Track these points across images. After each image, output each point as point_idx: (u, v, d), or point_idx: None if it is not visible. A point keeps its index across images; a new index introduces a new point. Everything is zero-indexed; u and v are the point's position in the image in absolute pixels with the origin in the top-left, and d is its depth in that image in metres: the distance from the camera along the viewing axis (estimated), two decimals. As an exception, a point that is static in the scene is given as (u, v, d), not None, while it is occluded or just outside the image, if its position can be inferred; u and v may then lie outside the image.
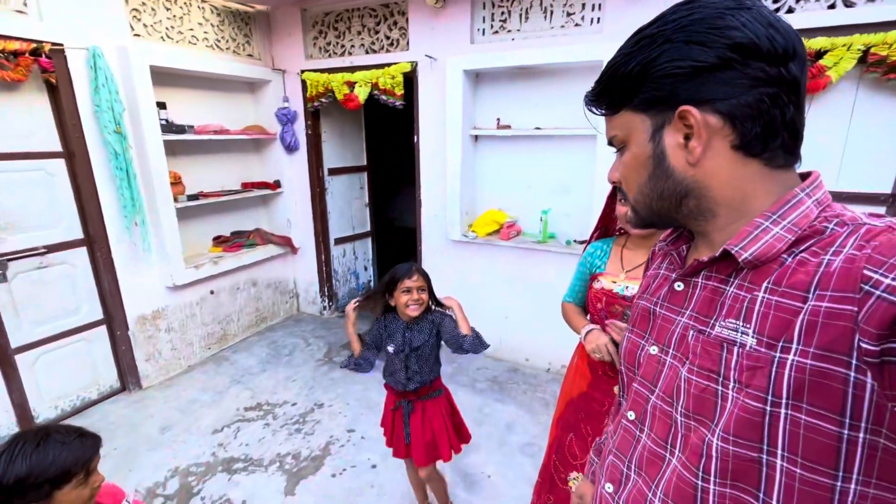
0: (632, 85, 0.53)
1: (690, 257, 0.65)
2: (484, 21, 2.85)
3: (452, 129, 3.00)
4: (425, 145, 3.23)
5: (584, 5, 2.56)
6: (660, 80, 0.51)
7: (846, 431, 0.43)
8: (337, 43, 3.39)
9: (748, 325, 0.50)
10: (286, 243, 3.93)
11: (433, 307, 1.74)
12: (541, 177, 3.02)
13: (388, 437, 1.87)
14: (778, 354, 0.46)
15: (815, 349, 0.44)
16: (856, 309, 0.41)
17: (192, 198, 3.13)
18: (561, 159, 2.90)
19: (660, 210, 0.58)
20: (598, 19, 2.54)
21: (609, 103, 0.58)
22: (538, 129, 2.85)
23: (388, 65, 3.11)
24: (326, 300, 4.14)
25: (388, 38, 3.19)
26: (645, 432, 0.63)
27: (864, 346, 0.40)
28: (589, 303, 1.45)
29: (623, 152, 0.59)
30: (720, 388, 0.51)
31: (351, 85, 3.24)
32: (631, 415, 0.67)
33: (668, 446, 0.59)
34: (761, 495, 0.49)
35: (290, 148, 3.72)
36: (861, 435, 0.42)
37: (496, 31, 2.84)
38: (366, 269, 4.52)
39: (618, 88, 0.55)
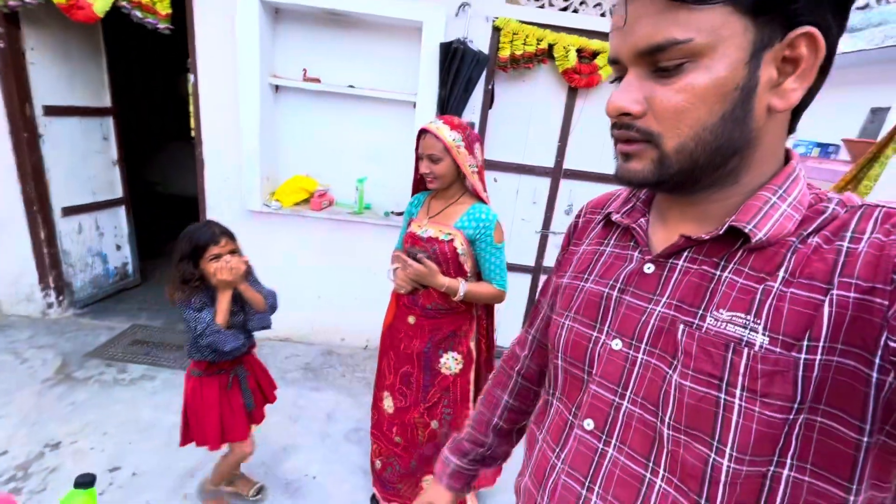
0: None
1: (657, 232, 0.54)
2: (284, -56, 2.35)
3: (248, 72, 2.42)
4: (208, 91, 2.54)
5: (401, -43, 2.37)
6: None
7: (865, 438, 0.38)
8: (48, -85, 2.28)
9: (758, 321, 0.42)
10: (-34, 214, 2.58)
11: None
12: (354, 142, 2.76)
13: (215, 436, 1.57)
14: (804, 356, 0.39)
15: (841, 345, 0.38)
16: (886, 302, 0.36)
17: None
18: (377, 124, 2.70)
19: (704, 165, 0.44)
20: (417, -23, 2.40)
21: None
22: (352, 87, 2.57)
23: (145, -31, 2.27)
24: (53, 294, 2.95)
25: (141, -70, 2.31)
26: (613, 446, 0.51)
27: (891, 344, 0.36)
28: (403, 244, 1.62)
29: (682, 71, 0.40)
30: (724, 396, 0.42)
31: (80, -15, 2.24)
32: (589, 424, 0.53)
33: (650, 465, 0.48)
34: None
35: (-37, 65, 2.39)
36: (875, 437, 0.39)
37: (301, -39, 2.38)
38: (118, 248, 3.40)
39: None
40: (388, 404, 1.65)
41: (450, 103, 2.42)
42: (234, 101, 2.50)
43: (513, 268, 2.96)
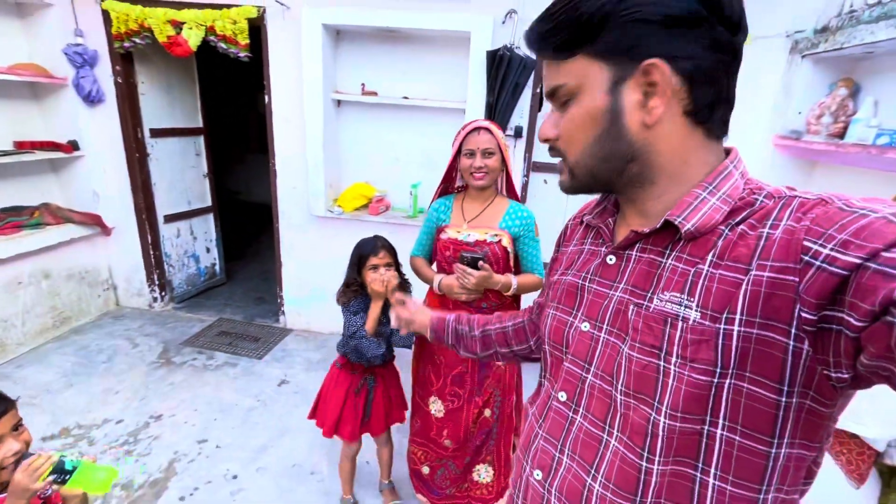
0: (594, 26, 0.47)
1: (620, 229, 0.62)
2: (347, -29, 2.56)
3: (312, 91, 2.67)
4: (279, 108, 2.83)
5: (450, -28, 2.49)
6: (628, 26, 0.46)
7: (783, 399, 0.44)
8: (154, -32, 2.69)
9: (692, 299, 0.48)
10: (95, 222, 3.10)
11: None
12: (409, 149, 2.92)
13: (329, 425, 1.69)
14: (723, 326, 0.45)
15: (759, 318, 0.43)
16: (797, 279, 0.41)
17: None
18: (429, 132, 2.84)
19: (601, 174, 0.54)
20: (465, -11, 2.50)
21: (562, 45, 0.50)
22: (406, 98, 2.73)
23: (228, 6, 2.59)
24: (157, 290, 3.43)
25: (225, -28, 2.65)
26: (580, 413, 0.59)
27: (804, 315, 0.41)
28: (437, 252, 1.63)
29: (568, 106, 0.53)
30: (662, 363, 0.49)
31: (177, 25, 2.62)
32: (562, 395, 0.62)
33: (606, 426, 0.56)
34: (700, 464, 0.49)
35: (92, 99, 2.88)
36: (794, 400, 0.44)
37: (359, -14, 2.58)
38: (208, 250, 3.87)
39: (576, 28, 0.48)
40: (437, 408, 1.66)
41: (497, 108, 2.49)
42: (301, 117, 2.77)
43: (565, 269, 2.95)
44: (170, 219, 3.42)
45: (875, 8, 1.60)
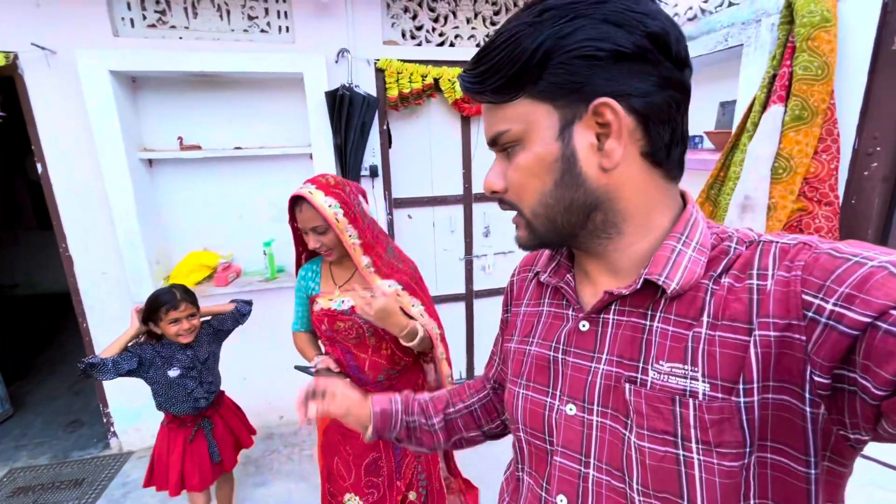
0: (536, 65, 0.42)
1: (585, 288, 0.55)
2: (129, 8, 2.13)
3: (110, 151, 2.13)
4: (62, 175, 2.19)
5: (267, 10, 2.28)
6: (572, 63, 0.42)
7: (813, 470, 0.40)
8: None
9: (696, 369, 0.42)
10: None
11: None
12: (253, 204, 2.55)
13: (174, 483, 1.65)
14: (743, 399, 0.40)
15: (773, 382, 0.39)
16: (804, 338, 0.38)
17: None
18: (275, 181, 2.53)
19: (564, 226, 0.48)
20: (288, 28, 2.31)
21: (502, 87, 0.45)
22: (239, 148, 2.39)
23: (-47, 52, 1.91)
24: None
25: (-60, 8, 1.96)
26: None
27: (816, 378, 0.37)
28: (315, 326, 1.40)
29: (514, 153, 0.48)
30: (682, 452, 0.42)
31: None
32: (562, 500, 0.52)
33: None
34: None
35: None
36: (821, 467, 0.40)
37: (152, 25, 2.18)
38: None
39: (516, 68, 0.43)
40: None
41: (348, 149, 2.34)
42: (100, 184, 2.19)
43: (445, 298, 2.93)
44: None
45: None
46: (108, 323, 2.37)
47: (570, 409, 0.51)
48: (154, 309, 1.55)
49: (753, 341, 0.40)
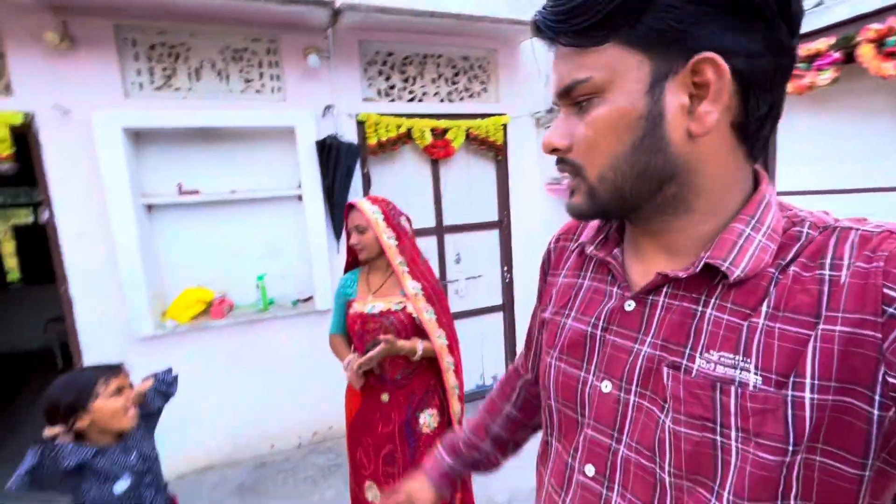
0: (634, 6, 0.38)
1: (633, 266, 0.51)
2: (139, 74, 2.42)
3: (118, 199, 2.34)
4: (70, 223, 2.36)
5: (262, 74, 2.64)
6: (682, 8, 0.37)
7: (867, 473, 0.37)
8: None
9: (748, 360, 0.40)
10: None
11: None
12: (247, 243, 2.79)
13: None
14: (791, 393, 0.37)
15: (834, 382, 0.36)
16: (879, 335, 0.35)
17: None
18: (268, 222, 2.79)
19: (631, 195, 0.44)
20: (280, 88, 2.68)
21: (590, 28, 0.40)
22: (234, 192, 2.66)
23: (-26, 114, 2.11)
24: None
25: (-38, 76, 2.17)
26: (616, 491, 0.48)
27: (890, 380, 0.34)
28: (349, 327, 1.62)
29: (589, 106, 0.43)
30: (720, 438, 0.40)
31: None
32: (590, 469, 0.51)
33: None
34: None
35: None
36: (875, 467, 0.37)
37: (159, 87, 2.47)
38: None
39: (613, 5, 0.38)
40: (374, 494, 1.59)
41: (335, 190, 2.68)
42: (105, 229, 2.37)
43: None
44: None
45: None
46: (109, 357, 2.46)
47: (606, 387, 0.49)
48: (84, 388, 1.14)
49: (815, 335, 0.37)
